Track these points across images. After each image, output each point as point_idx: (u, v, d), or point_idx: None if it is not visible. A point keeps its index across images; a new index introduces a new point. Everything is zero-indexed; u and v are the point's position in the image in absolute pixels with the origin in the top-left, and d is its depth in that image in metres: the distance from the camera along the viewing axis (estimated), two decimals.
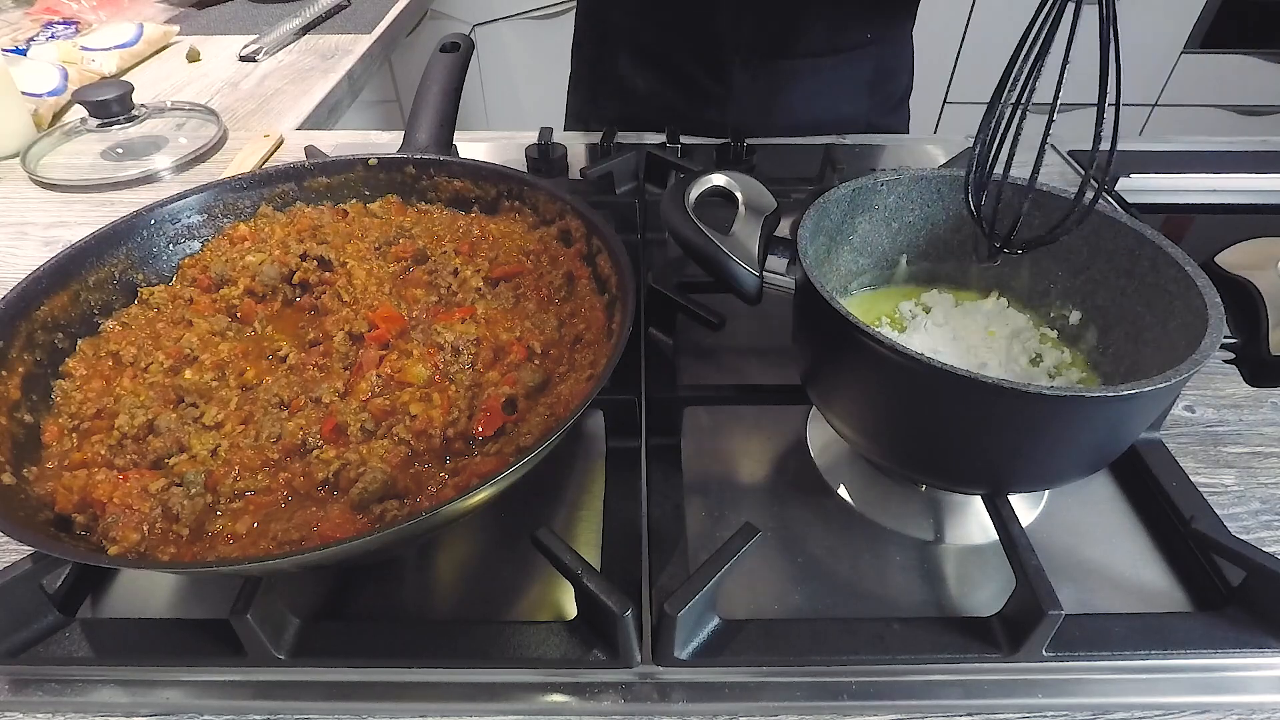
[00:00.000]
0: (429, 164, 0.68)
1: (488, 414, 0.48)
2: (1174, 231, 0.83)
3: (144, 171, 0.91)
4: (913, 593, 0.47)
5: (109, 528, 0.42)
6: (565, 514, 0.52)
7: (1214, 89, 2.21)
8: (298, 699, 0.43)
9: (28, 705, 0.43)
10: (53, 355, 0.52)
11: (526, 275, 0.60)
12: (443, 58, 0.74)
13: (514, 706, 0.42)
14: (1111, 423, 0.41)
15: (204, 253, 0.63)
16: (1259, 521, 0.52)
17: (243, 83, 1.16)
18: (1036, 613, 0.41)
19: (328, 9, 1.41)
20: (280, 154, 0.96)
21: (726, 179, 0.54)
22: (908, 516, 0.51)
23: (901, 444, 0.47)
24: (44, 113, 1.04)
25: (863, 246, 0.57)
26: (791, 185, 0.86)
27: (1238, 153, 0.94)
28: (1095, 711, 0.42)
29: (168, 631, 0.44)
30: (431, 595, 0.48)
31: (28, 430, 0.48)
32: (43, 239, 0.82)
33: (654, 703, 0.42)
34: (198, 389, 0.51)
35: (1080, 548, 0.50)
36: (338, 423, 0.48)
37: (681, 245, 0.50)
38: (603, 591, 0.41)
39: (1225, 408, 0.61)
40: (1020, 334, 0.54)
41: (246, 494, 0.45)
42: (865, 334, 0.41)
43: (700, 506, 0.52)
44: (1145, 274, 0.48)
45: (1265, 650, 0.43)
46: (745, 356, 0.66)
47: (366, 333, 0.54)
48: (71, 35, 1.29)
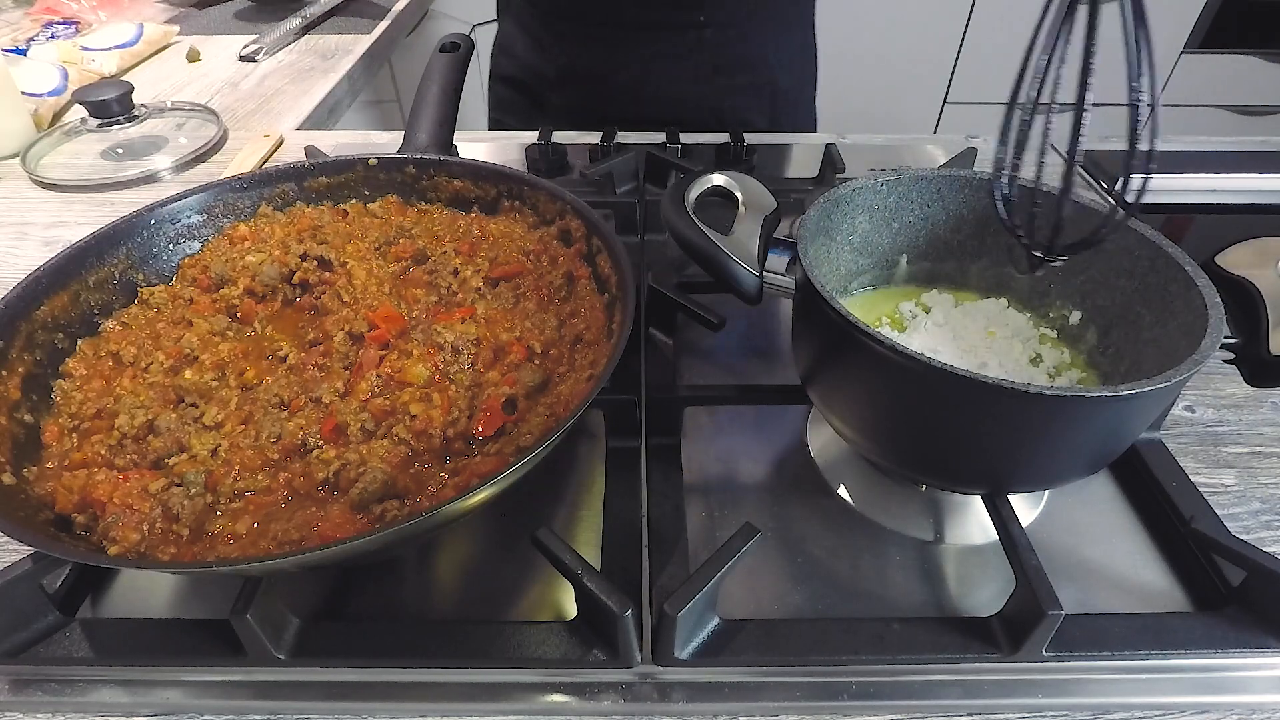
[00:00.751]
0: (429, 164, 0.68)
1: (488, 414, 0.48)
2: (1174, 231, 0.83)
3: (144, 171, 0.91)
4: (913, 593, 0.47)
5: (109, 528, 0.42)
6: (565, 514, 0.52)
7: (1214, 89, 2.21)
8: (298, 699, 0.43)
9: (28, 705, 0.43)
10: (53, 355, 0.52)
11: (526, 275, 0.60)
12: (443, 58, 0.74)
13: (514, 706, 0.42)
14: (1111, 423, 0.41)
15: (204, 253, 0.63)
16: (1259, 521, 0.52)
17: (243, 83, 1.16)
18: (1036, 613, 0.41)
19: (328, 9, 1.41)
20: (280, 154, 0.96)
21: (726, 179, 0.55)
22: (908, 516, 0.51)
23: (901, 444, 0.47)
24: (44, 113, 1.04)
25: (863, 246, 0.57)
26: (791, 185, 0.86)
27: (1238, 153, 0.94)
28: (1095, 711, 0.42)
29: (168, 631, 0.44)
30: (431, 595, 0.48)
31: (28, 430, 0.48)
32: (43, 239, 0.82)
33: (654, 703, 0.42)
34: (198, 389, 0.51)
35: (1080, 548, 0.50)
36: (338, 423, 0.48)
37: (681, 245, 0.50)
38: (603, 591, 0.41)
39: (1225, 408, 0.61)
40: (1020, 334, 0.54)
41: (246, 494, 0.45)
42: (865, 334, 0.41)
43: (700, 506, 0.52)
44: (1145, 274, 0.48)
45: (1265, 650, 0.43)
46: (745, 356, 0.66)
47: (366, 333, 0.54)
48: (71, 35, 1.29)
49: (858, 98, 2.13)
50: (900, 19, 2.08)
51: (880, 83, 2.18)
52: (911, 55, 2.14)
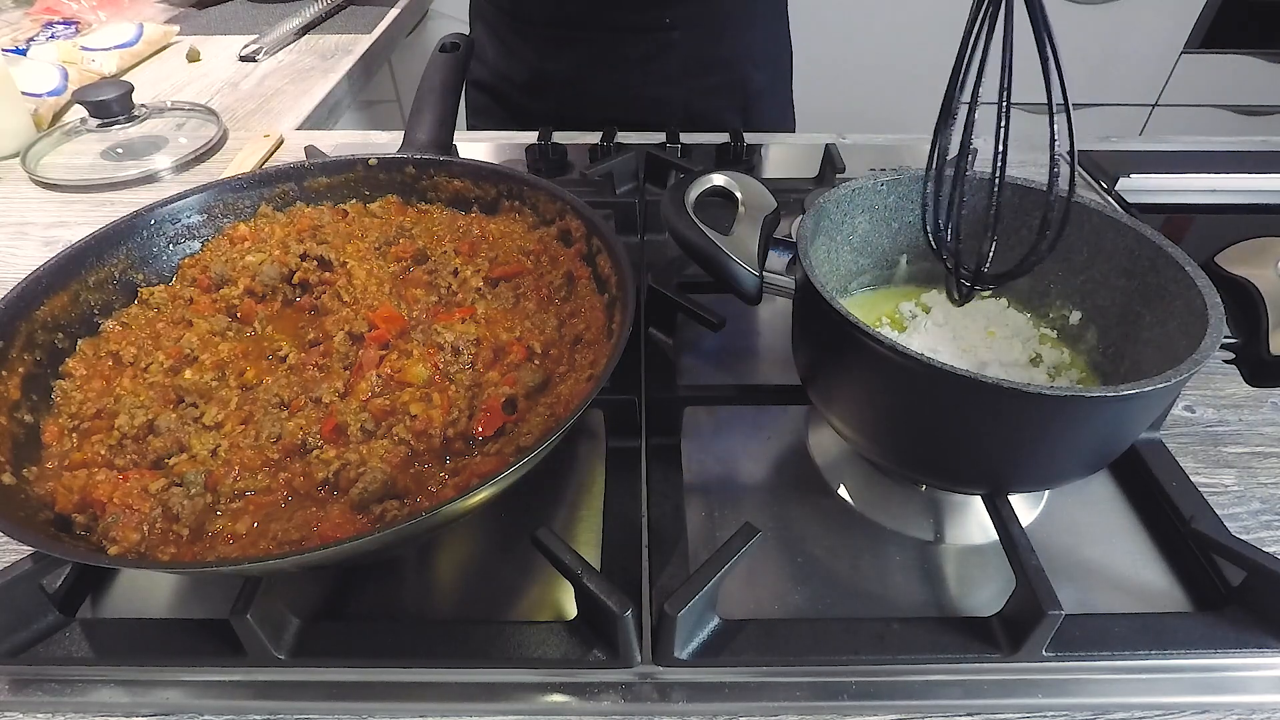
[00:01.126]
0: (429, 164, 0.68)
1: (488, 414, 0.48)
2: (1174, 231, 0.83)
3: (144, 171, 0.91)
4: (913, 593, 0.47)
5: (109, 528, 0.42)
6: (565, 514, 0.52)
7: (1214, 89, 2.21)
8: (298, 699, 0.43)
9: (28, 705, 0.43)
10: (53, 355, 0.52)
11: (526, 275, 0.60)
12: (442, 58, 0.74)
13: (514, 706, 0.42)
14: (1111, 423, 0.41)
15: (204, 253, 0.63)
16: (1259, 521, 0.52)
17: (243, 83, 1.16)
18: (1036, 613, 0.41)
19: (328, 9, 1.41)
20: (280, 154, 0.96)
21: (726, 179, 0.55)
22: (908, 516, 0.51)
23: (901, 444, 0.47)
24: (44, 113, 1.04)
25: (863, 246, 0.57)
26: (791, 185, 0.86)
27: (1238, 153, 0.94)
28: (1095, 711, 0.42)
29: (168, 631, 0.44)
30: (431, 595, 0.48)
31: (28, 430, 0.48)
32: (43, 239, 0.82)
33: (654, 703, 0.42)
34: (198, 389, 0.51)
35: (1080, 548, 0.50)
36: (338, 423, 0.48)
37: (681, 245, 0.50)
38: (603, 591, 0.41)
39: (1225, 408, 0.61)
40: (1020, 334, 0.54)
41: (246, 494, 0.45)
42: (865, 334, 0.41)
43: (700, 506, 0.52)
44: (1145, 274, 0.48)
45: (1265, 650, 0.43)
46: (745, 356, 0.66)
47: (366, 333, 0.54)
48: (71, 35, 1.29)
49: (858, 98, 2.13)
50: (900, 19, 2.08)
51: (880, 83, 2.18)
52: (911, 55, 2.14)
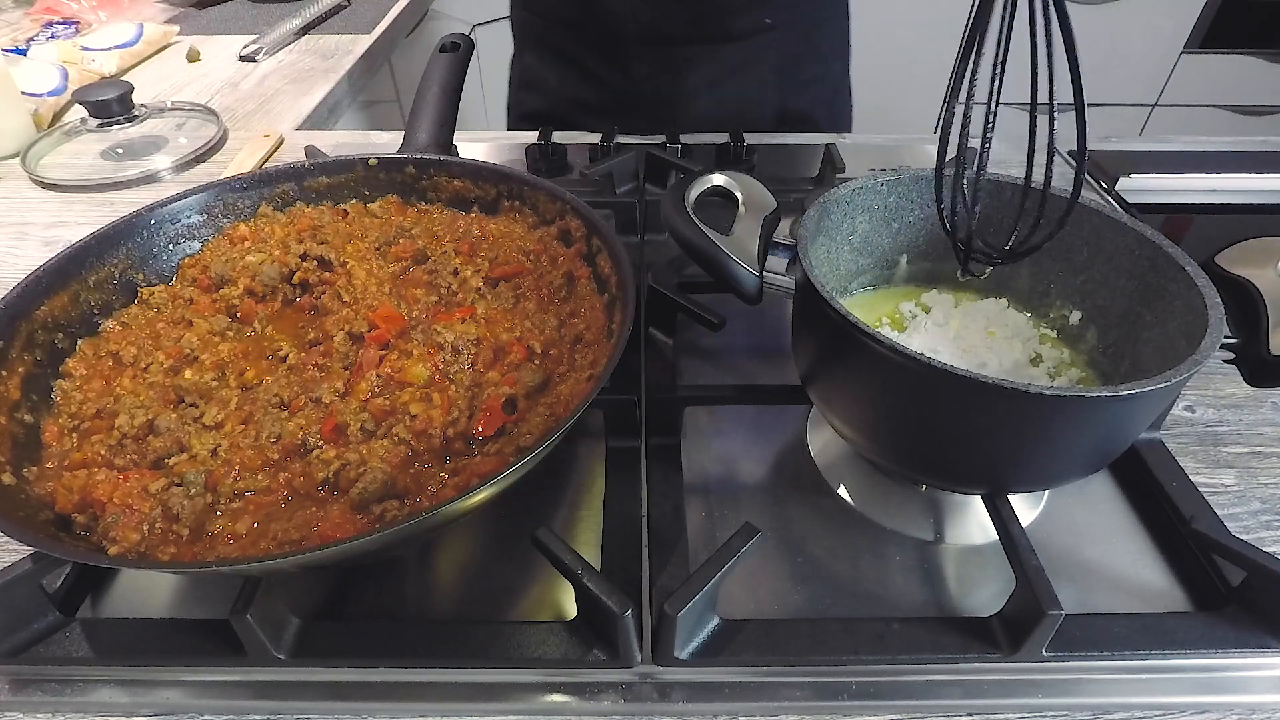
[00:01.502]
0: (429, 164, 0.68)
1: (488, 414, 0.48)
2: (1174, 231, 0.83)
3: (144, 171, 0.91)
4: (913, 593, 0.47)
5: (109, 528, 0.42)
6: (565, 514, 0.52)
7: (1214, 89, 2.21)
8: (298, 699, 0.43)
9: (28, 705, 0.43)
10: (53, 355, 0.52)
11: (526, 275, 0.60)
12: (443, 58, 0.74)
13: (514, 706, 0.42)
14: (1111, 423, 0.41)
15: (204, 253, 0.63)
16: (1259, 521, 0.52)
17: (243, 83, 1.16)
18: (1036, 613, 0.41)
19: (328, 9, 1.41)
20: (280, 154, 0.96)
21: (726, 179, 0.54)
22: (908, 516, 0.51)
23: (901, 444, 0.47)
24: (44, 113, 1.04)
25: (863, 246, 0.57)
26: (791, 185, 0.86)
27: (1238, 153, 0.94)
28: (1095, 711, 0.42)
29: (168, 631, 0.44)
30: (431, 595, 0.48)
31: (28, 430, 0.48)
32: (43, 239, 0.82)
33: (654, 703, 0.42)
34: (198, 389, 0.51)
35: (1080, 548, 0.50)
36: (338, 423, 0.48)
37: (681, 245, 0.50)
38: (603, 591, 0.41)
39: (1225, 408, 0.61)
40: (1020, 334, 0.54)
41: (246, 494, 0.45)
42: (865, 334, 0.41)
43: (700, 506, 0.52)
44: (1145, 274, 0.48)
45: (1265, 650, 0.43)
46: (745, 356, 0.66)
47: (366, 333, 0.54)
48: (71, 35, 1.29)
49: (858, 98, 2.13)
50: (900, 19, 2.08)
51: (880, 83, 2.18)
52: (911, 55, 2.14)
